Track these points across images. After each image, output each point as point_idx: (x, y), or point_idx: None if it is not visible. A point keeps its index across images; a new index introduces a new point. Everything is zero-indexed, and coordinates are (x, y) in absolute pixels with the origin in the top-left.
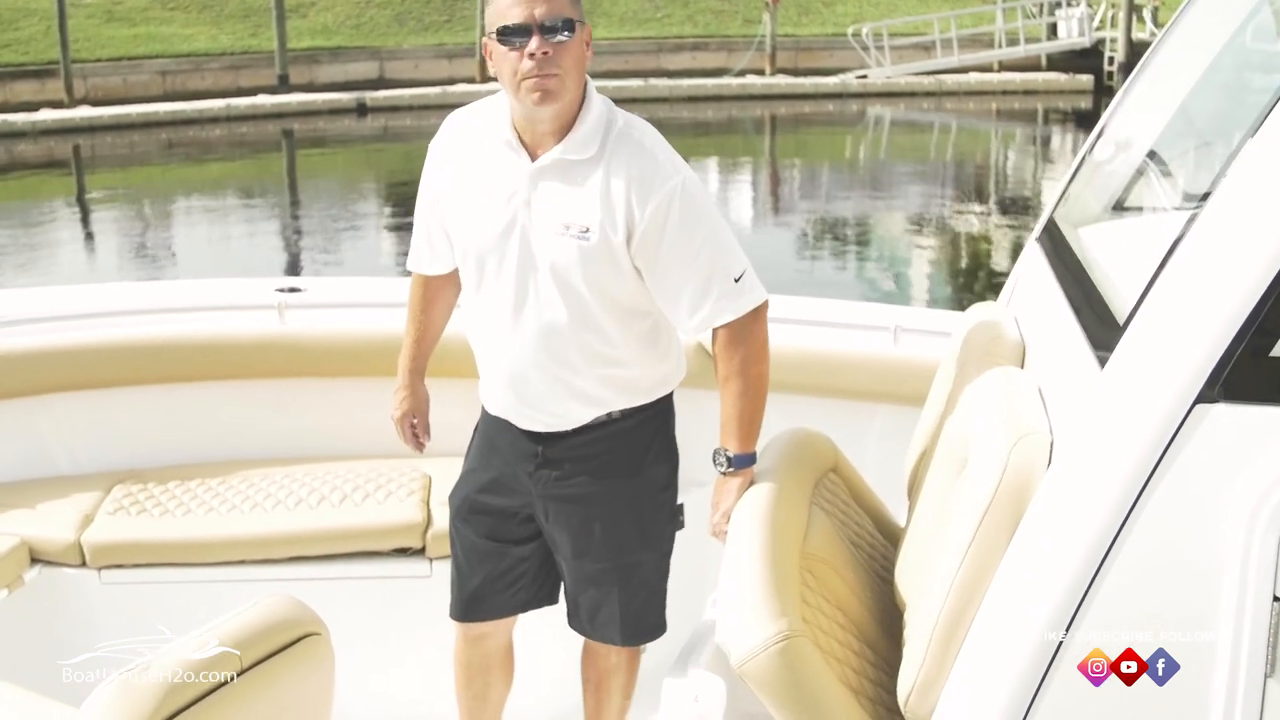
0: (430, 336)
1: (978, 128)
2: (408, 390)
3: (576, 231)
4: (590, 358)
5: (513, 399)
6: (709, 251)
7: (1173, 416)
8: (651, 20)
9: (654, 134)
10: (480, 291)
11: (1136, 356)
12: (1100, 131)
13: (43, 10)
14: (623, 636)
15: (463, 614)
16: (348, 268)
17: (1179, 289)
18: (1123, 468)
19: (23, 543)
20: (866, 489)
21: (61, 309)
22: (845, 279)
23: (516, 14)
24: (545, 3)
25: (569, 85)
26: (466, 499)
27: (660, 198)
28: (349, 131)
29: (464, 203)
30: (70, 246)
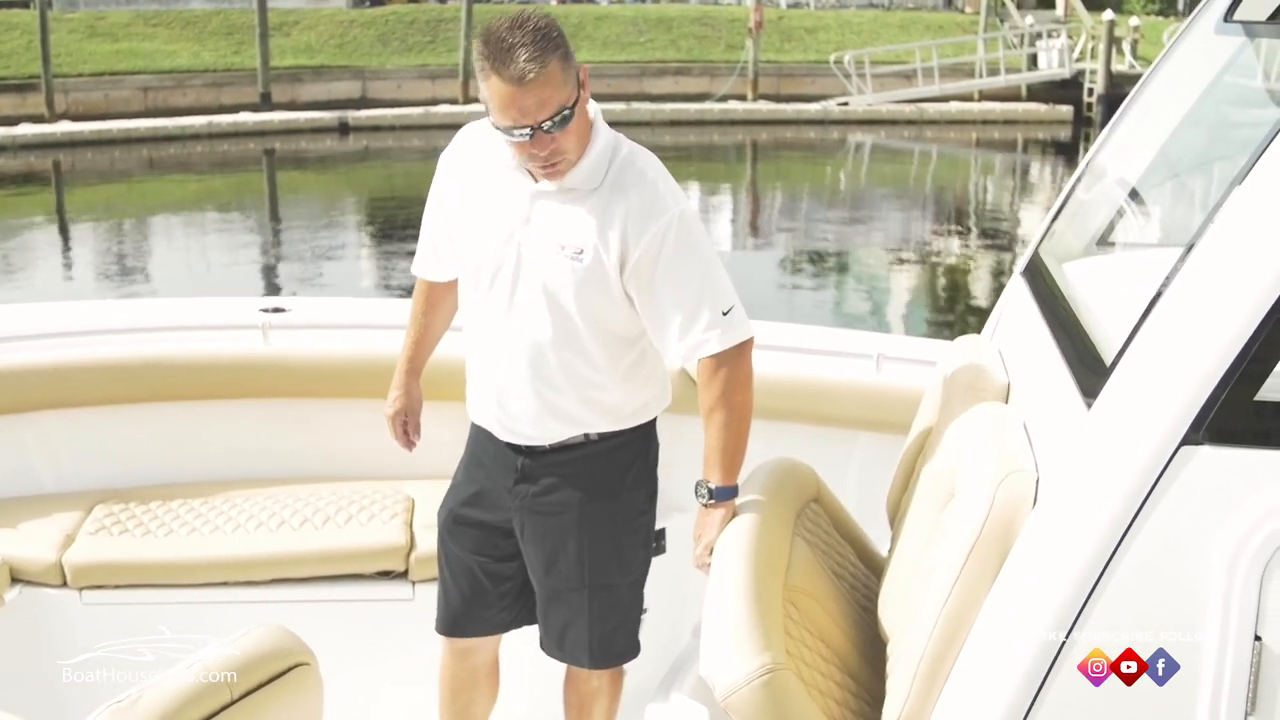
0: (430, 340)
1: (958, 156)
2: (402, 390)
3: (571, 252)
4: (572, 378)
5: (496, 410)
6: (700, 283)
7: (1158, 458)
8: (635, 44)
9: (657, 165)
10: (475, 302)
11: (1123, 398)
12: (1085, 167)
13: (24, 24)
14: (591, 659)
15: (448, 629)
16: (328, 286)
17: (1166, 332)
18: (1108, 508)
19: (3, 562)
20: (849, 519)
21: (44, 326)
22: (823, 305)
23: (513, 116)
24: (539, 100)
25: (575, 155)
26: (451, 512)
27: (657, 227)
28: (331, 150)
29: (467, 215)
30: (48, 262)
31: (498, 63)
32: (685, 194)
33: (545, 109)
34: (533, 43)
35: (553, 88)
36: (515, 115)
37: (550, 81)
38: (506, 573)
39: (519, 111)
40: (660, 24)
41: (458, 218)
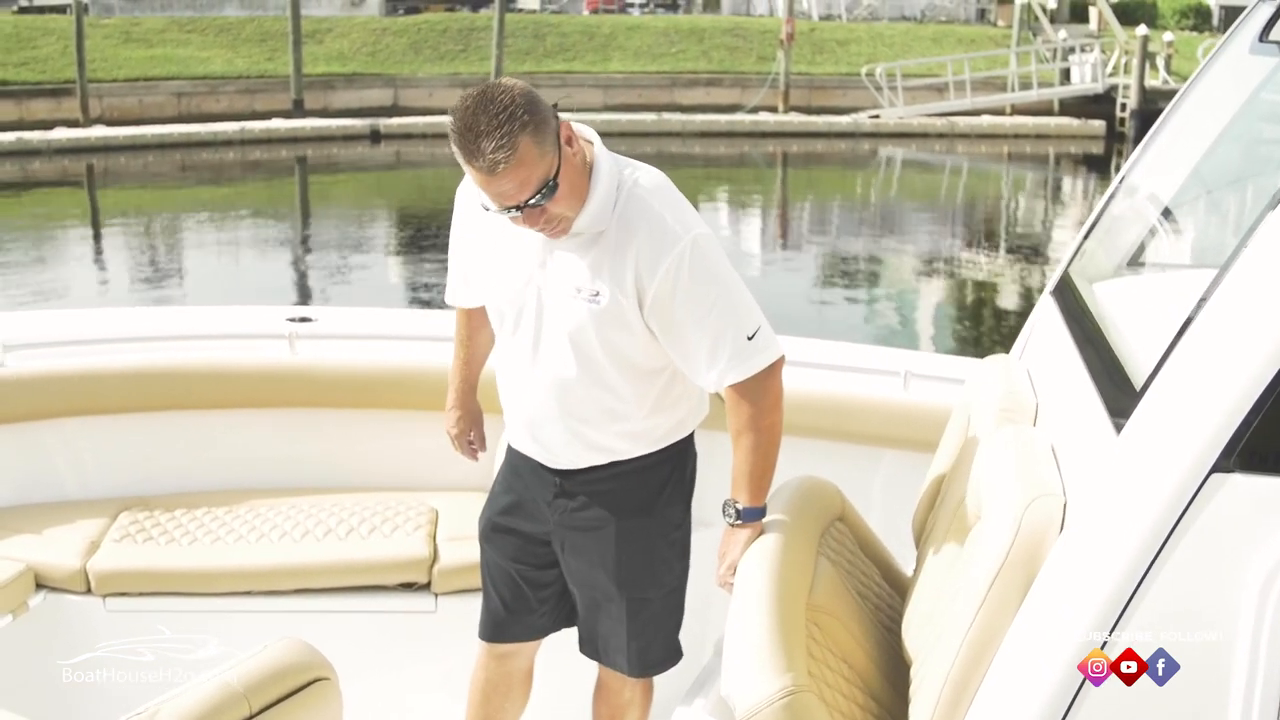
0: (478, 359)
1: (989, 170)
2: (462, 409)
3: (587, 295)
4: (602, 413)
5: (531, 441)
6: (721, 311)
7: (1188, 485)
8: (666, 55)
9: (664, 191)
10: (502, 340)
11: (1153, 424)
12: (1118, 186)
13: (61, 29)
14: (629, 666)
15: (490, 634)
16: (357, 294)
17: (1197, 357)
18: (1137, 534)
19: (28, 568)
20: (874, 538)
21: (73, 334)
22: (852, 319)
23: (491, 199)
24: (515, 183)
25: (574, 212)
26: (490, 521)
27: (670, 260)
28: (362, 158)
29: (485, 256)
30: (81, 266)
31: (467, 154)
32: (698, 217)
33: (525, 189)
34: (498, 128)
35: (527, 168)
36: (497, 200)
37: (523, 162)
38: (546, 579)
39: (499, 196)
40: (692, 35)
41: (477, 257)
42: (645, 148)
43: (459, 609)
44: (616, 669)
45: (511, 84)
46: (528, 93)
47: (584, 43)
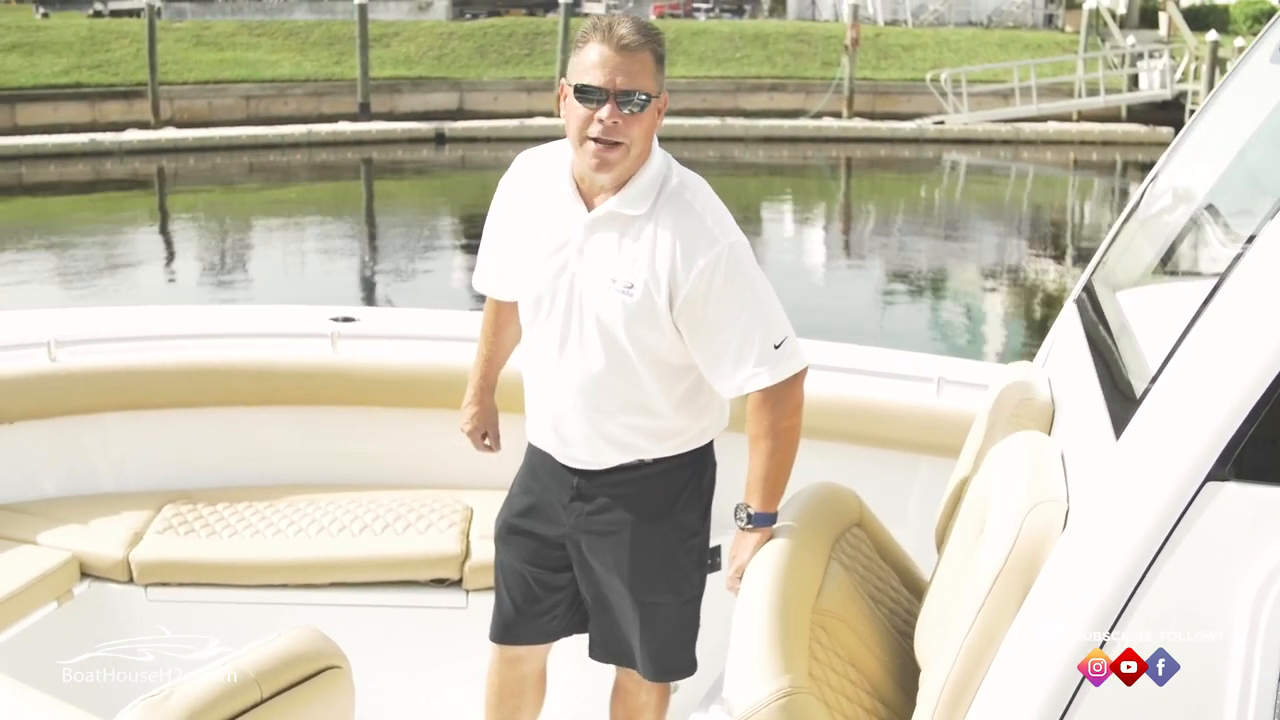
0: (500, 356)
1: (1054, 177)
2: (478, 406)
3: (621, 286)
4: (625, 406)
5: (552, 435)
6: (751, 317)
7: (1183, 492)
8: (730, 60)
9: (706, 195)
10: (532, 329)
11: (1150, 430)
12: (1141, 195)
13: (134, 33)
14: (640, 670)
15: (499, 636)
16: (420, 294)
17: (1194, 366)
18: (1132, 541)
19: (74, 557)
20: (893, 544)
21: (122, 331)
22: (914, 326)
23: (597, 76)
24: (627, 73)
25: (631, 155)
26: (506, 522)
27: (705, 262)
28: (427, 161)
29: (522, 244)
30: (149, 264)
31: (602, 30)
32: (735, 224)
33: (629, 82)
34: (640, 29)
35: (642, 68)
36: (600, 76)
37: (642, 63)
38: (559, 583)
39: (606, 73)
40: (756, 40)
41: (513, 246)
42: (709, 152)
43: (490, 605)
44: (634, 668)
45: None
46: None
47: None
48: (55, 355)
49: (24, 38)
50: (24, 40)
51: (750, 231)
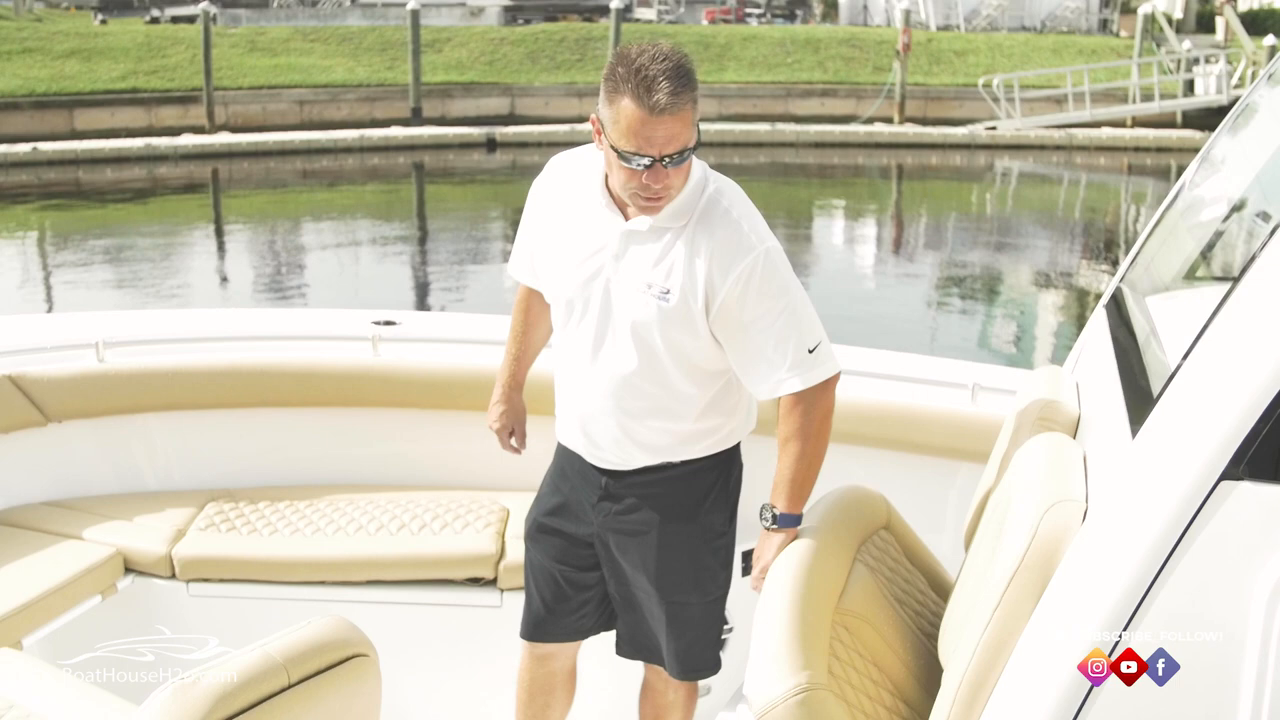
0: (528, 356)
1: (1108, 184)
2: (506, 405)
3: (658, 292)
4: (655, 410)
5: (581, 437)
6: (786, 322)
7: (1197, 492)
8: (782, 65)
9: (742, 202)
10: (564, 332)
11: (1165, 430)
12: (1172, 200)
13: (189, 39)
14: (670, 664)
15: (529, 634)
16: (470, 298)
17: (1208, 367)
18: (1146, 539)
19: (118, 552)
20: (921, 548)
21: (169, 332)
22: (967, 332)
23: (639, 144)
24: (669, 134)
25: (679, 193)
26: (536, 521)
27: (742, 268)
28: (478, 165)
29: (556, 247)
30: (202, 267)
31: (638, 89)
32: (770, 230)
33: (672, 144)
34: (675, 78)
35: (683, 125)
36: (641, 144)
37: (683, 120)
38: (588, 582)
39: (646, 141)
40: (808, 45)
41: (546, 249)
42: (759, 158)
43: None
44: (661, 665)
45: (679, 50)
46: (694, 66)
47: (700, 52)
48: (103, 356)
49: (82, 44)
50: (82, 46)
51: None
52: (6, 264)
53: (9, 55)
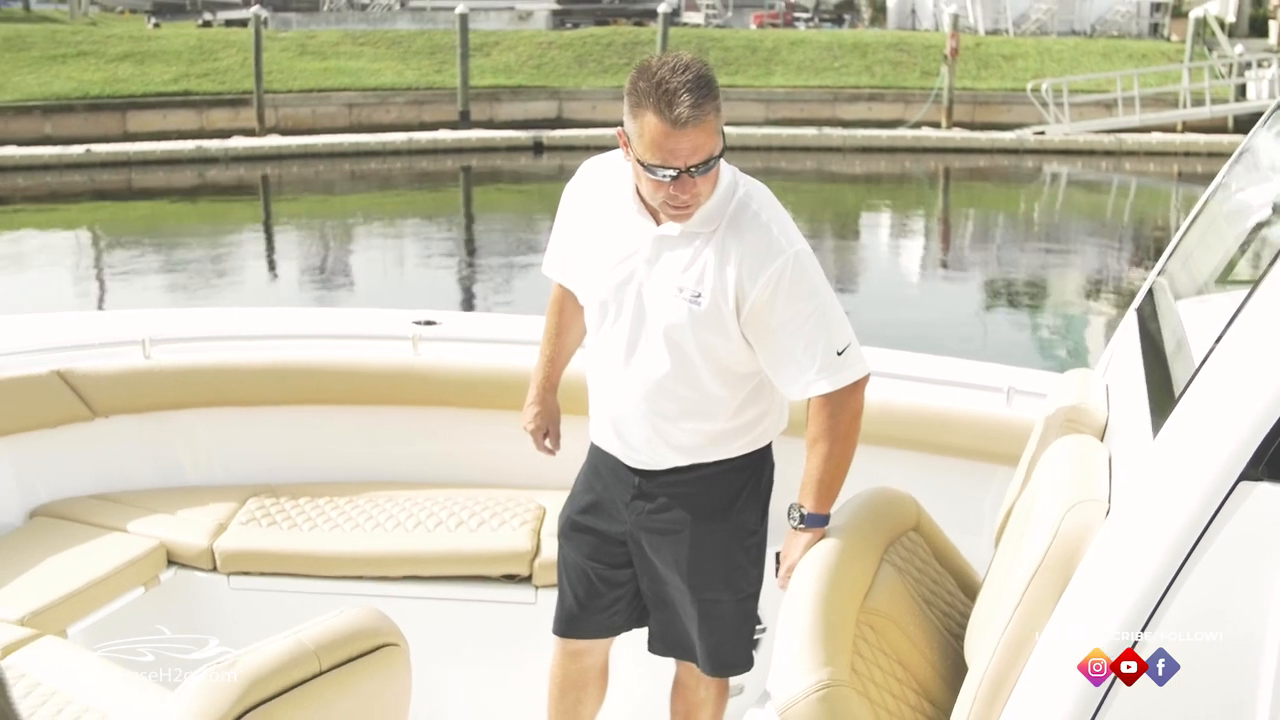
0: (562, 357)
1: (1158, 189)
2: (540, 406)
3: (689, 295)
4: (688, 411)
5: (615, 438)
6: (815, 324)
7: (1217, 491)
8: (829, 69)
9: (772, 205)
10: (598, 335)
11: (1185, 431)
12: (1204, 204)
13: (241, 42)
14: (703, 662)
15: (562, 630)
16: (517, 300)
17: (1229, 368)
18: (1165, 539)
19: (161, 545)
20: (951, 549)
21: (213, 330)
22: (1016, 338)
23: (663, 157)
24: (692, 145)
25: (708, 199)
26: (569, 519)
27: (772, 270)
28: (525, 169)
29: (589, 251)
30: (251, 268)
31: (660, 103)
32: (799, 233)
33: (696, 155)
34: (696, 89)
35: (706, 135)
36: (666, 156)
37: (706, 130)
38: (620, 579)
39: (670, 153)
40: (855, 49)
41: (578, 253)
42: (806, 162)
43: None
44: (694, 662)
45: (699, 60)
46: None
47: (747, 57)
48: (150, 353)
49: (136, 47)
50: (136, 50)
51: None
52: (60, 262)
53: (64, 59)
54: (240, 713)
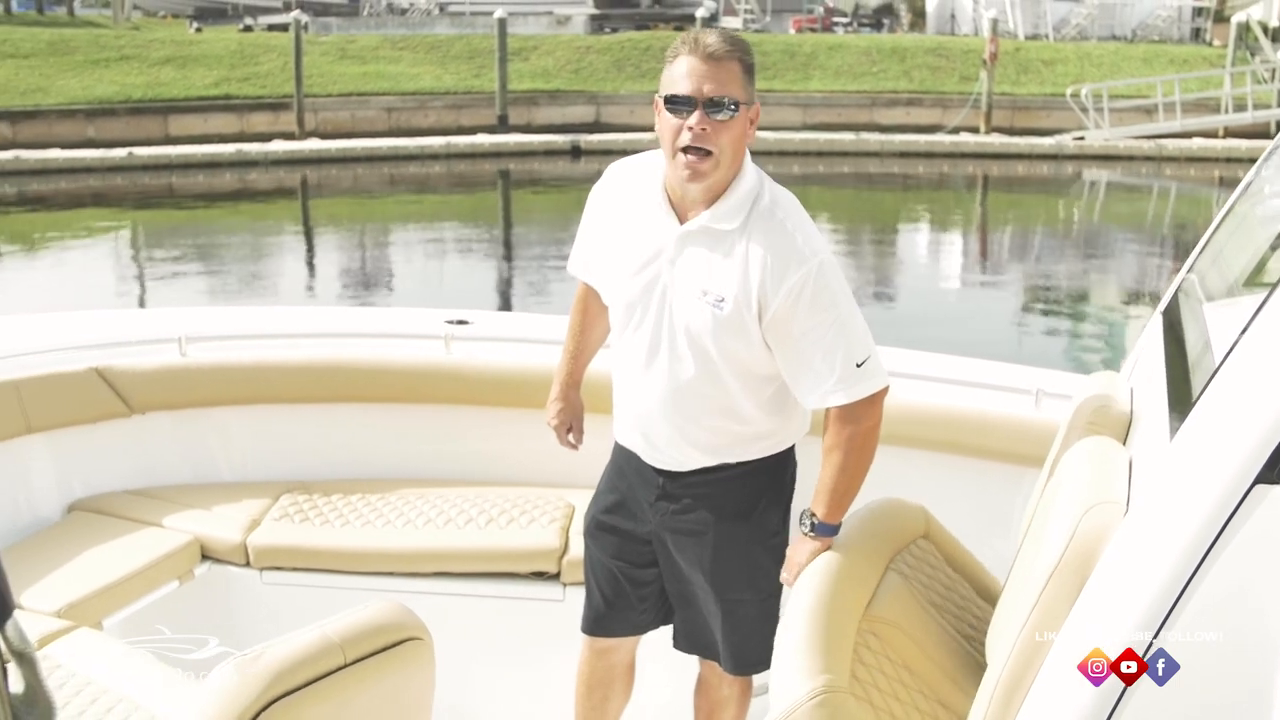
0: (586, 354)
1: (1199, 195)
2: (564, 402)
3: (712, 300)
4: (712, 412)
5: (639, 438)
6: (836, 335)
7: (1232, 495)
8: (867, 74)
9: (797, 213)
10: (622, 336)
11: (1202, 432)
12: (1231, 206)
13: (281, 47)
14: (725, 660)
15: (590, 628)
16: (554, 302)
17: (1245, 370)
18: (1180, 541)
19: (195, 540)
20: (964, 554)
21: (248, 329)
22: (1054, 345)
23: (685, 85)
24: (715, 80)
25: (722, 164)
26: (594, 518)
27: (794, 280)
28: (563, 173)
29: (613, 253)
30: (289, 270)
31: (689, 43)
32: (825, 242)
33: (717, 89)
34: (727, 39)
35: (730, 76)
36: (689, 85)
37: (730, 71)
38: (646, 578)
39: (694, 82)
40: (894, 54)
41: (604, 254)
42: (843, 167)
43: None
44: (716, 660)
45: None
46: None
47: (785, 61)
48: (186, 351)
49: (178, 51)
50: (178, 54)
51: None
52: (101, 262)
53: (107, 63)
54: (265, 704)
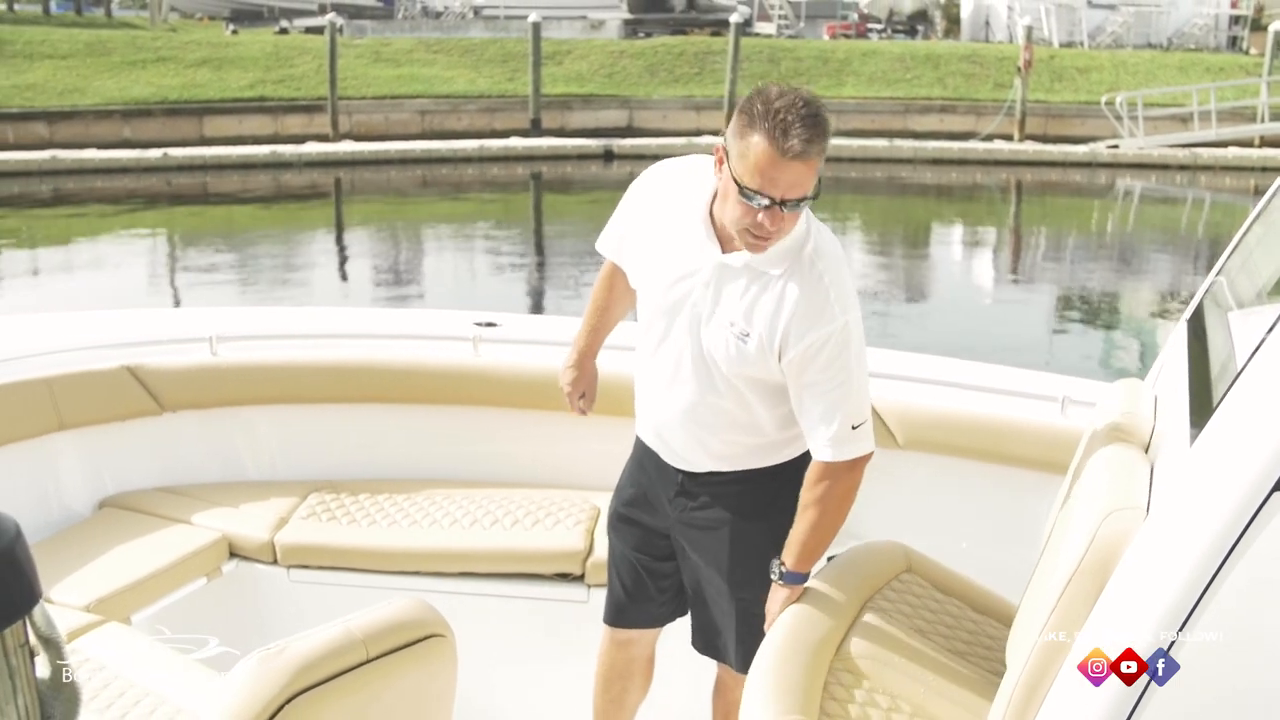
0: (605, 329)
1: (1234, 205)
2: (579, 370)
3: (738, 332)
4: (730, 425)
5: (658, 441)
6: (840, 396)
7: (1250, 502)
8: (901, 81)
9: (836, 268)
10: (646, 345)
11: (1220, 441)
12: (1257, 215)
13: (316, 49)
14: (739, 665)
15: (611, 619)
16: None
17: (1265, 377)
18: (1197, 549)
19: (224, 537)
20: (952, 577)
21: (278, 329)
22: (1088, 354)
23: (763, 184)
24: (795, 179)
25: (782, 238)
26: (616, 511)
27: (817, 336)
28: (595, 177)
29: (649, 259)
30: (322, 271)
31: (774, 129)
32: (856, 298)
33: (795, 190)
34: (813, 126)
35: (809, 173)
36: (765, 183)
37: (810, 167)
38: (666, 570)
39: (771, 181)
40: (928, 61)
41: (638, 258)
42: (876, 173)
43: None
44: (725, 660)
45: (818, 99)
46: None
47: (818, 67)
48: (216, 350)
49: (214, 53)
50: (213, 56)
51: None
52: (135, 261)
53: (144, 64)
54: (288, 698)
